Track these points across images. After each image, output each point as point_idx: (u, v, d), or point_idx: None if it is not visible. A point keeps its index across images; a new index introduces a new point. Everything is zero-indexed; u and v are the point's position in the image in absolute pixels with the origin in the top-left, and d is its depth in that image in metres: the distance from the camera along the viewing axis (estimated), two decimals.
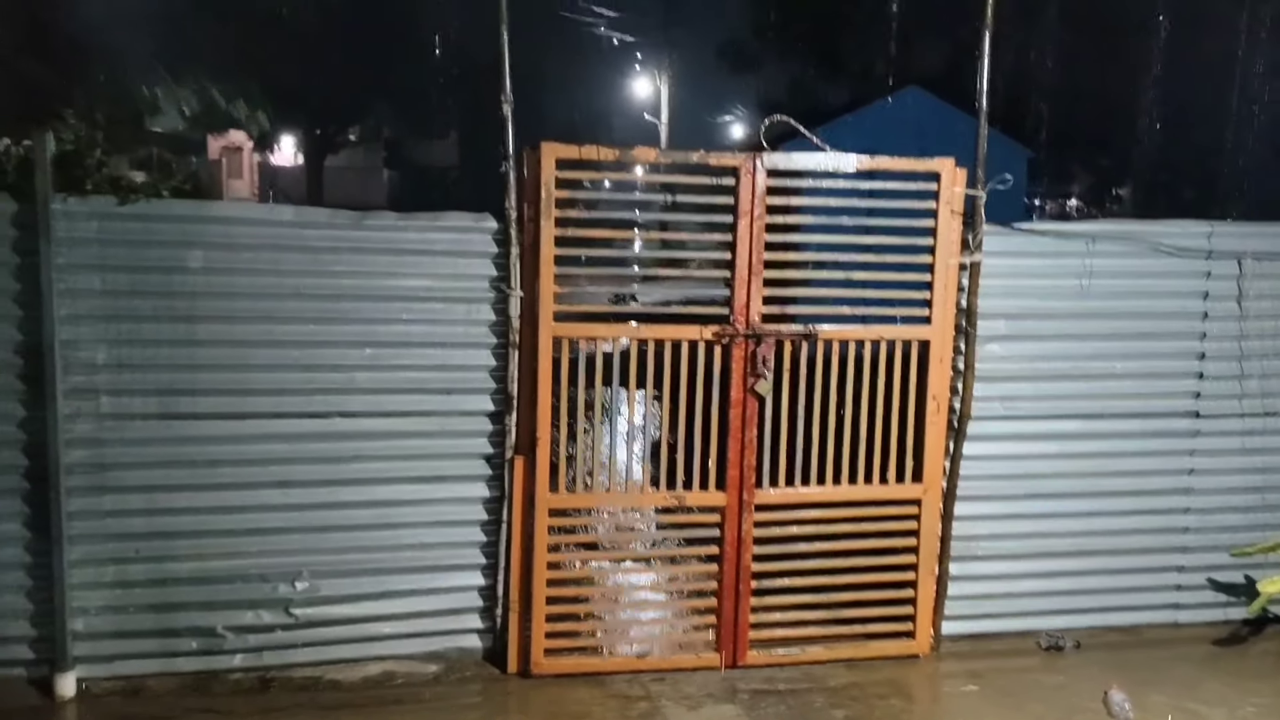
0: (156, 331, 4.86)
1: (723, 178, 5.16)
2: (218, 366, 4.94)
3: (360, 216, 5.10)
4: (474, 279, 5.17)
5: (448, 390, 5.19)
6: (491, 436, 5.23)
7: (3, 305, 4.71)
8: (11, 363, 4.74)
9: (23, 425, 4.77)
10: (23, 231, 4.68)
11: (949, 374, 5.44)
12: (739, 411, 5.26)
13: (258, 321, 4.97)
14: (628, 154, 5.22)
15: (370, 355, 5.10)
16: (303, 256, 5.00)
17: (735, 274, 5.18)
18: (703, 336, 5.20)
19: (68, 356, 4.75)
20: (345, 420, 5.09)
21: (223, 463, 4.96)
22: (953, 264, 5.35)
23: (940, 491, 5.50)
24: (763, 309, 5.23)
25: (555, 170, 5.01)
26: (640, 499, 5.48)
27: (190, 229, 4.88)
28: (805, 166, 5.26)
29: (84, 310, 4.77)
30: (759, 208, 5.16)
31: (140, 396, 4.86)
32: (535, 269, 5.06)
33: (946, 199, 5.29)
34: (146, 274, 4.83)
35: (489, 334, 5.19)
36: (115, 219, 4.78)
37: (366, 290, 5.08)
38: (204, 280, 4.89)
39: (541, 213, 5.02)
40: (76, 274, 4.74)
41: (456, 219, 5.18)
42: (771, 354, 5.25)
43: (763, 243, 5.19)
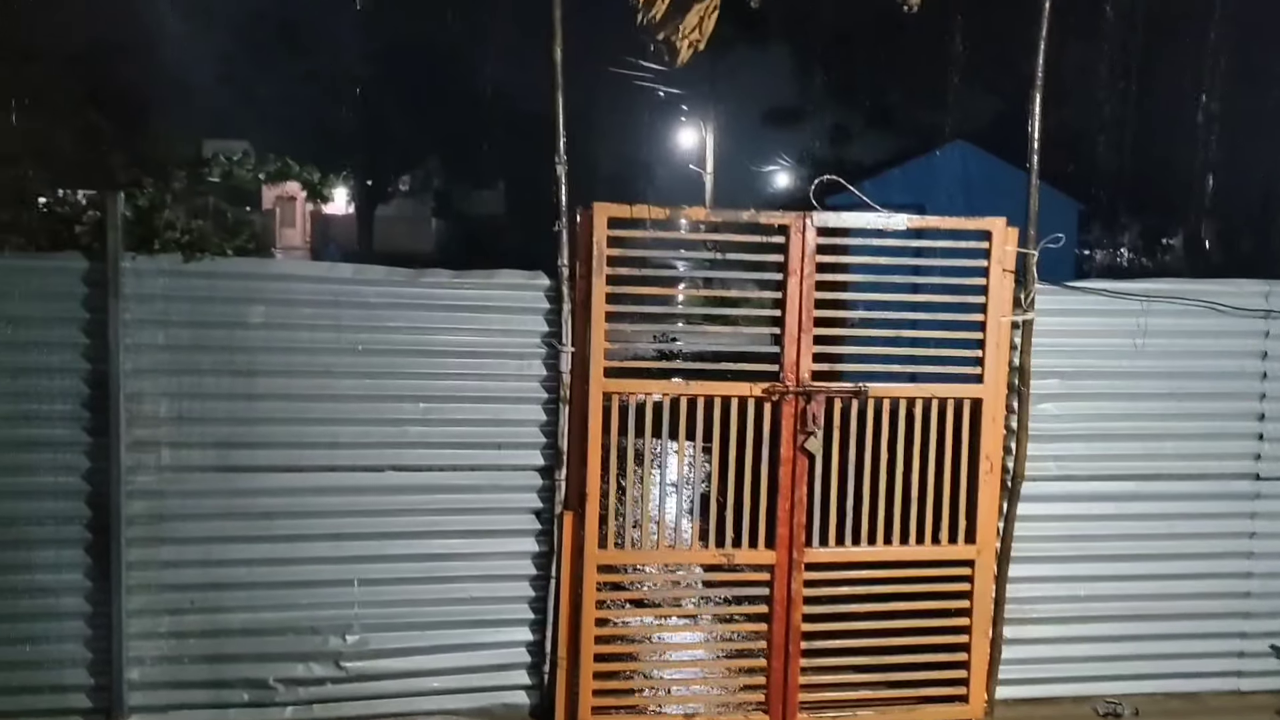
0: (217, 385, 4.97)
1: (773, 236, 5.20)
2: (275, 420, 5.04)
3: (416, 274, 5.20)
4: (526, 335, 5.23)
5: (499, 445, 5.24)
6: (541, 491, 5.26)
7: (71, 359, 4.85)
8: (78, 415, 4.87)
9: (87, 477, 4.89)
10: (93, 288, 4.84)
11: (1002, 433, 5.39)
12: (789, 469, 5.24)
13: (315, 376, 5.07)
14: (678, 213, 5.29)
15: (424, 409, 5.17)
16: (360, 312, 5.10)
17: (785, 331, 5.19)
18: (752, 393, 5.21)
19: (131, 410, 4.87)
20: (398, 474, 5.15)
21: (277, 515, 5.04)
22: (1005, 322, 5.32)
23: (994, 552, 5.43)
24: (813, 366, 5.23)
25: (607, 229, 5.08)
26: (689, 556, 5.47)
27: (252, 285, 5.01)
28: (855, 225, 5.28)
29: (148, 364, 4.90)
30: (809, 266, 5.19)
31: (200, 449, 4.97)
32: (586, 325, 5.12)
33: (998, 257, 5.28)
34: (209, 329, 4.96)
35: (540, 389, 5.24)
36: (181, 276, 4.92)
37: (421, 345, 5.17)
38: (264, 335, 5.01)
39: (593, 270, 5.08)
40: (142, 329, 4.88)
41: (510, 276, 5.26)
42: (821, 411, 5.24)
43: (813, 300, 5.20)
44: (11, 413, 4.82)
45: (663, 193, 45.90)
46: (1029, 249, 5.31)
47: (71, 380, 4.86)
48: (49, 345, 4.83)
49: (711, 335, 5.66)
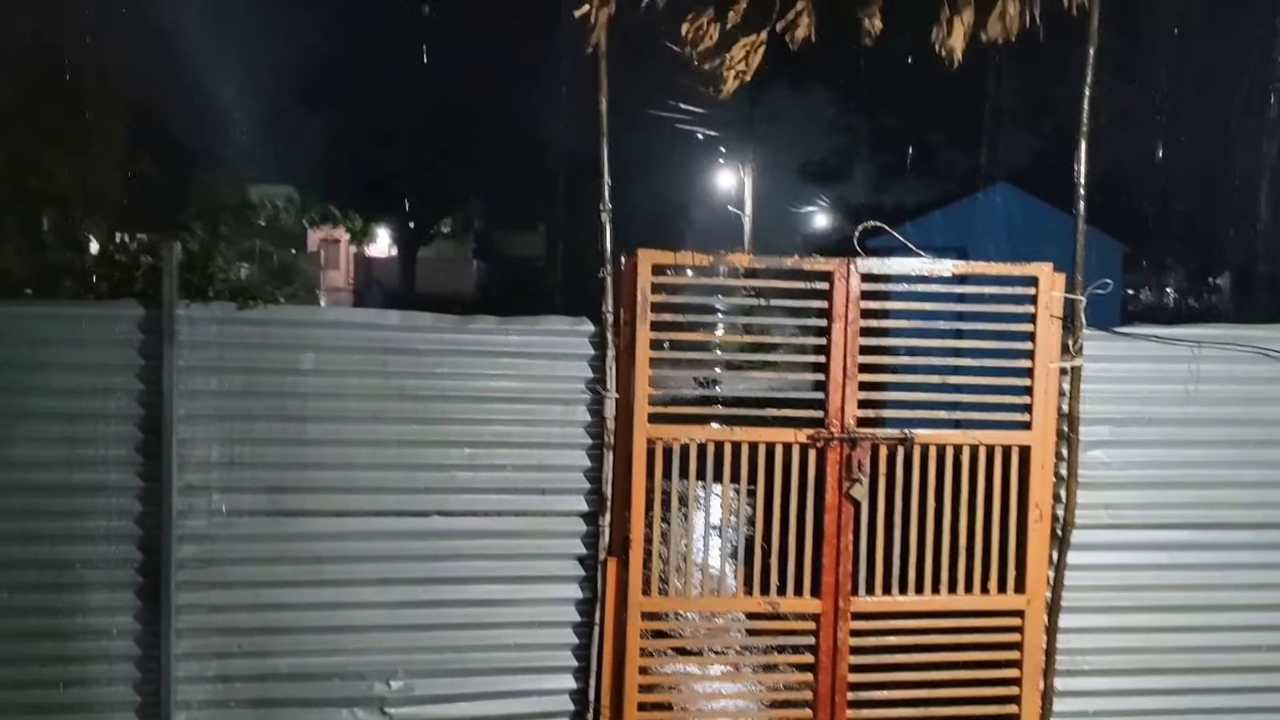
0: (268, 431, 5.04)
1: (817, 282, 5.21)
2: (324, 465, 5.09)
3: (463, 320, 5.26)
4: (570, 380, 5.26)
5: (543, 490, 5.26)
6: (585, 537, 5.26)
7: (126, 405, 4.94)
8: (132, 460, 4.96)
9: (138, 521, 4.96)
10: (148, 335, 4.94)
11: (1051, 481, 5.32)
12: (834, 516, 5.21)
13: (363, 421, 5.12)
14: (722, 259, 5.32)
15: (469, 455, 5.20)
16: (407, 359, 5.16)
17: (830, 377, 5.18)
18: (796, 439, 5.19)
19: (184, 454, 4.95)
20: (444, 519, 5.18)
21: (325, 560, 5.08)
22: (1053, 368, 5.28)
23: (1044, 603, 5.34)
24: (858, 413, 5.21)
25: (651, 275, 5.12)
26: (733, 604, 5.43)
27: (303, 332, 5.09)
28: (900, 271, 5.28)
29: (200, 410, 4.98)
30: (853, 312, 5.19)
31: (250, 494, 5.03)
32: (630, 371, 5.14)
33: (1045, 303, 5.25)
34: (261, 375, 5.04)
35: (584, 435, 5.26)
36: (234, 323, 5.02)
37: (467, 391, 5.21)
38: (314, 381, 5.08)
39: (638, 316, 5.12)
40: (195, 375, 4.97)
41: (555, 323, 5.30)
42: (867, 458, 5.21)
43: (857, 346, 5.19)
44: (68, 458, 4.91)
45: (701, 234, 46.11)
46: (1077, 295, 5.27)
47: (126, 426, 4.95)
48: (105, 391, 4.93)
49: (754, 379, 5.64)
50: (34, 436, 4.89)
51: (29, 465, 4.89)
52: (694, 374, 5.33)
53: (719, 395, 5.32)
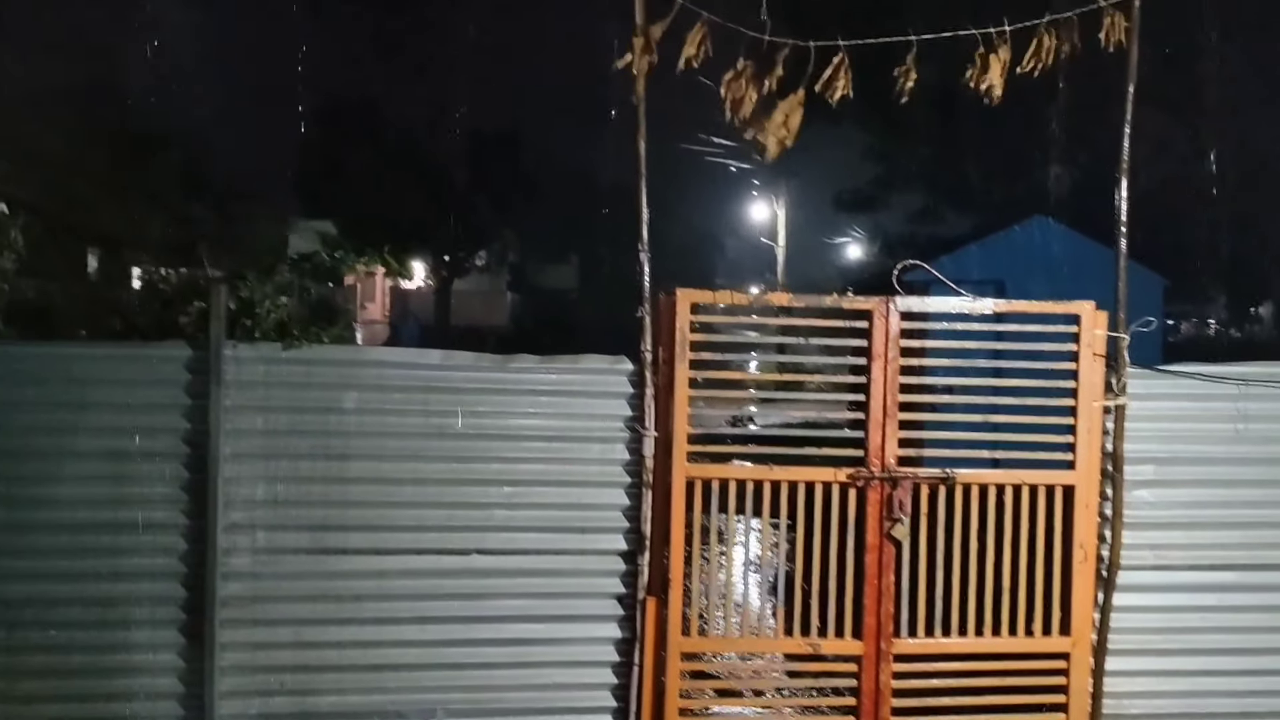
0: (311, 469, 5.09)
1: (856, 321, 5.20)
2: (365, 503, 5.14)
3: (503, 359, 5.31)
4: (609, 419, 5.28)
5: (582, 529, 5.26)
6: (624, 576, 5.25)
7: (173, 444, 5.02)
8: (178, 498, 5.03)
9: (184, 558, 5.02)
10: (195, 375, 5.02)
11: (1095, 521, 5.25)
12: (875, 556, 5.17)
13: (404, 460, 5.16)
14: (761, 299, 5.35)
15: (509, 493, 5.22)
16: (448, 397, 5.21)
17: (870, 416, 5.16)
18: (836, 478, 5.17)
19: (229, 493, 5.01)
20: (483, 557, 5.20)
21: (366, 598, 5.11)
22: (1096, 407, 5.23)
23: (1090, 645, 5.25)
24: (898, 452, 5.18)
25: (690, 314, 5.14)
26: (774, 644, 5.39)
27: (347, 371, 5.16)
28: (940, 309, 5.26)
29: (246, 449, 5.05)
30: (893, 350, 5.17)
31: (293, 532, 5.08)
32: (669, 410, 5.15)
33: (1087, 341, 5.21)
34: (305, 414, 5.11)
35: (623, 473, 5.27)
36: (280, 363, 5.09)
37: (507, 430, 5.24)
38: (357, 420, 5.13)
39: (676, 356, 5.13)
40: (242, 415, 5.04)
41: (594, 361, 5.33)
42: (908, 498, 5.17)
43: (897, 385, 5.18)
44: (115, 496, 4.98)
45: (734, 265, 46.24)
46: (1119, 332, 5.23)
47: (172, 465, 5.02)
48: (153, 430, 5.01)
49: (792, 417, 5.63)
50: (82, 475, 4.97)
51: (76, 504, 4.97)
52: (732, 412, 5.33)
53: (757, 433, 5.31)
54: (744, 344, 5.60)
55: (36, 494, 4.93)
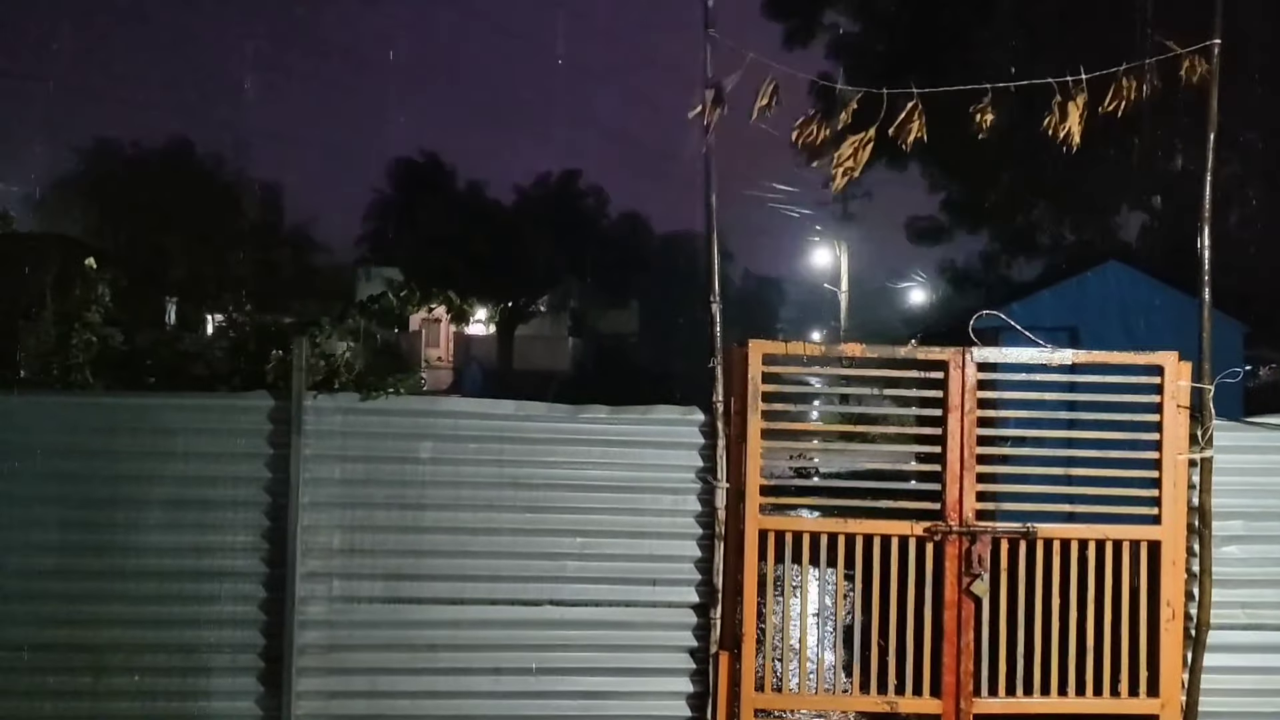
0: (387, 518, 5.16)
1: (931, 371, 5.15)
2: (440, 553, 5.18)
3: (575, 409, 5.34)
4: (680, 470, 5.28)
5: (653, 581, 5.24)
6: (696, 630, 5.21)
7: (255, 493, 5.12)
8: (258, 547, 5.12)
9: (263, 606, 5.10)
10: (277, 425, 5.14)
11: (1183, 577, 5.09)
12: (953, 613, 5.06)
13: (478, 509, 5.21)
14: (834, 349, 5.32)
15: (581, 544, 5.23)
16: (521, 447, 5.25)
17: (946, 469, 5.09)
18: (913, 532, 5.09)
19: (307, 542, 5.09)
20: (556, 608, 5.20)
21: (440, 648, 5.13)
22: (1181, 460, 5.09)
23: (1179, 707, 5.07)
24: (976, 505, 5.09)
25: (761, 365, 5.13)
26: (849, 702, 5.28)
27: (423, 422, 5.23)
28: (1018, 360, 5.19)
29: (324, 498, 5.14)
30: (969, 401, 5.10)
31: (369, 581, 5.14)
32: (741, 461, 5.13)
33: (1171, 393, 5.09)
34: (381, 464, 5.18)
35: (695, 524, 5.25)
36: (357, 413, 5.19)
37: (579, 480, 5.27)
38: (432, 470, 5.20)
39: (749, 406, 5.12)
40: (321, 464, 5.13)
41: (665, 412, 5.34)
42: (987, 552, 5.07)
43: (974, 437, 5.10)
44: (199, 544, 5.09)
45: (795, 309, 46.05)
46: (1204, 383, 5.10)
47: (253, 513, 5.13)
48: (236, 479, 5.12)
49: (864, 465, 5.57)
50: (169, 523, 5.09)
51: (163, 551, 5.09)
52: (804, 464, 5.29)
53: (830, 484, 5.25)
54: (817, 394, 5.56)
55: (126, 541, 5.06)
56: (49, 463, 5.06)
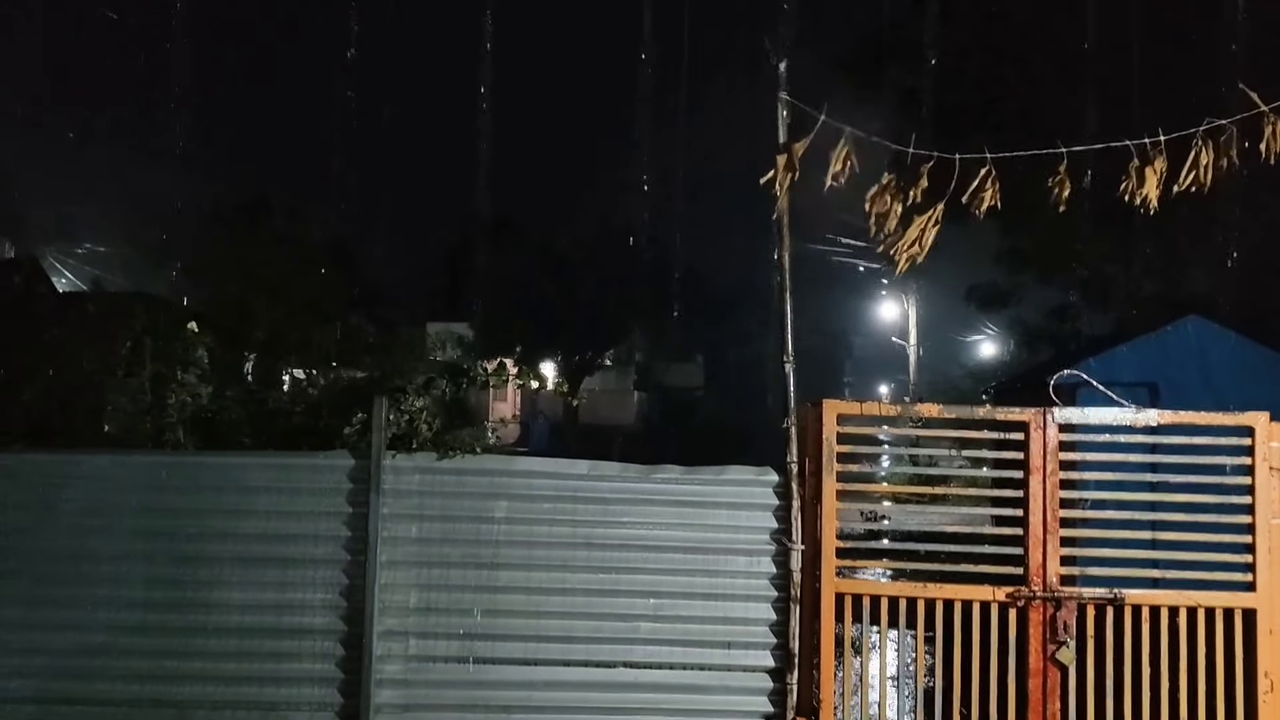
0: (463, 578, 5.20)
1: (1011, 433, 5.06)
2: (514, 613, 5.19)
3: (648, 470, 5.34)
4: (755, 531, 5.24)
5: (728, 644, 5.19)
6: (772, 695, 5.13)
7: (334, 551, 5.20)
8: (336, 604, 5.18)
9: (340, 664, 5.15)
10: (356, 484, 5.23)
11: None
12: (1038, 681, 4.91)
13: (552, 569, 5.22)
14: (909, 409, 5.25)
15: (654, 605, 5.20)
16: (595, 507, 5.27)
17: (1029, 533, 4.97)
18: (995, 597, 4.97)
19: (385, 600, 5.14)
20: (629, 671, 5.16)
21: (514, 709, 5.12)
22: (1276, 525, 4.91)
23: None
24: (1060, 570, 4.96)
25: (836, 425, 5.09)
26: None
27: (498, 481, 5.29)
28: (1101, 421, 5.07)
29: (401, 557, 5.19)
30: (1051, 463, 5.00)
31: (444, 640, 5.16)
32: (816, 522, 5.08)
33: (1263, 455, 4.93)
34: (457, 523, 5.24)
35: (769, 587, 5.19)
36: (434, 472, 5.26)
37: (652, 540, 5.25)
38: (506, 529, 5.23)
39: (823, 467, 5.07)
40: (398, 523, 5.20)
41: (739, 473, 5.32)
42: (1073, 619, 4.93)
43: (1057, 500, 4.98)
44: (278, 601, 5.18)
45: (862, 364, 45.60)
46: None
47: (332, 571, 5.20)
48: (316, 537, 5.21)
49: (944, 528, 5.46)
50: (250, 581, 5.19)
51: (243, 608, 5.18)
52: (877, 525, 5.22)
53: (907, 548, 5.16)
54: (890, 453, 5.48)
55: (208, 598, 5.17)
56: (138, 521, 5.21)
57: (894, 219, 4.82)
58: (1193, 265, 19.66)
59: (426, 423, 5.34)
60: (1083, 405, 5.55)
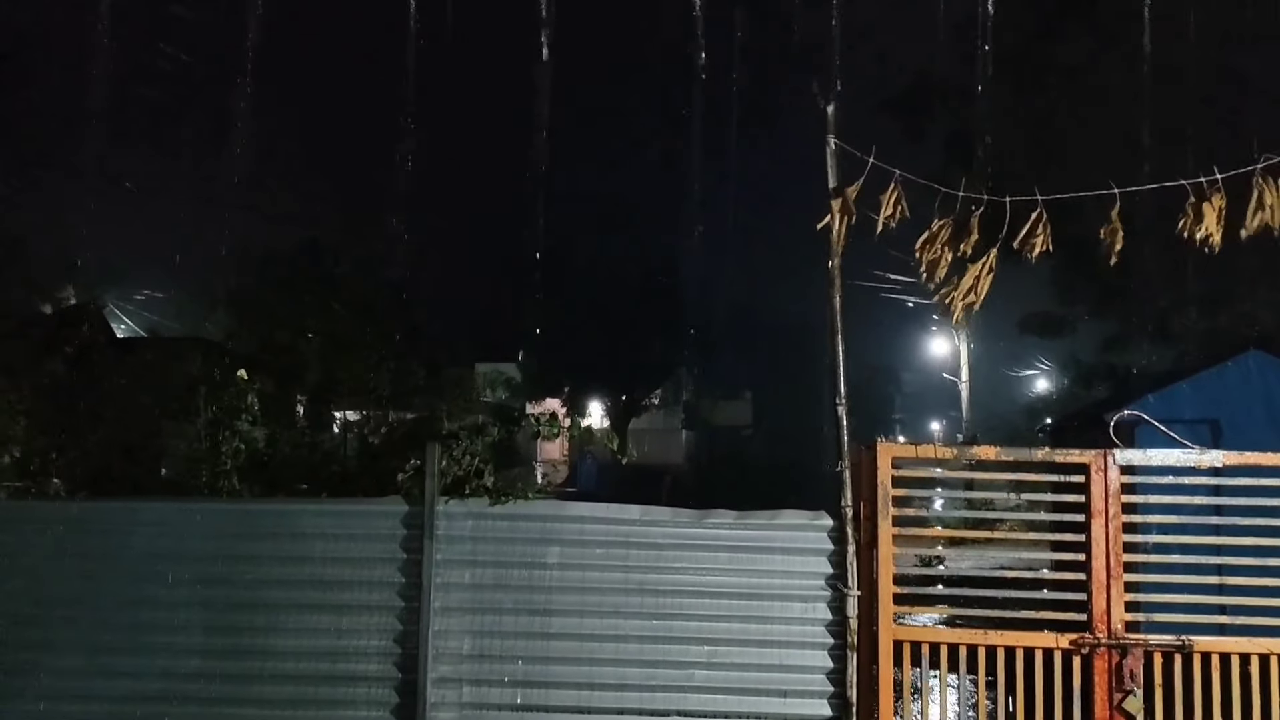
0: (515, 624, 5.19)
1: (1072, 475, 4.95)
2: (567, 659, 5.16)
3: (700, 514, 5.31)
4: (810, 576, 5.17)
5: (784, 692, 5.11)
6: None
7: (387, 597, 5.22)
8: (390, 651, 5.20)
9: (395, 712, 5.14)
10: (410, 530, 5.25)
11: None
12: None
13: (605, 616, 5.19)
14: (965, 452, 5.18)
15: (708, 652, 5.15)
16: (647, 553, 5.24)
17: (1092, 577, 4.85)
18: (1058, 644, 4.84)
19: (438, 647, 5.14)
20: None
21: None
22: None
23: None
24: (1125, 616, 4.83)
25: (891, 469, 5.03)
26: None
27: (550, 527, 5.28)
28: (1164, 463, 4.95)
29: (454, 603, 5.20)
30: (1114, 506, 4.88)
31: (497, 687, 5.15)
32: (872, 567, 5.00)
33: None
34: (510, 569, 5.24)
35: (825, 634, 5.12)
36: (487, 518, 5.28)
37: (705, 586, 5.21)
38: (559, 575, 5.22)
39: (879, 511, 5.00)
40: (451, 569, 5.22)
41: (792, 517, 5.26)
42: (1140, 667, 4.79)
43: (1121, 544, 4.86)
44: (333, 648, 5.20)
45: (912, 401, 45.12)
46: None
47: (386, 617, 5.22)
48: (370, 584, 5.24)
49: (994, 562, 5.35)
50: (305, 627, 5.22)
51: (299, 655, 5.21)
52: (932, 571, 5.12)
53: (966, 594, 5.06)
54: (945, 495, 5.40)
55: (264, 645, 5.21)
56: (196, 568, 5.27)
57: (945, 266, 4.78)
58: (1254, 298, 19.25)
59: (478, 470, 5.35)
60: (1142, 443, 5.44)
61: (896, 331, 37.14)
